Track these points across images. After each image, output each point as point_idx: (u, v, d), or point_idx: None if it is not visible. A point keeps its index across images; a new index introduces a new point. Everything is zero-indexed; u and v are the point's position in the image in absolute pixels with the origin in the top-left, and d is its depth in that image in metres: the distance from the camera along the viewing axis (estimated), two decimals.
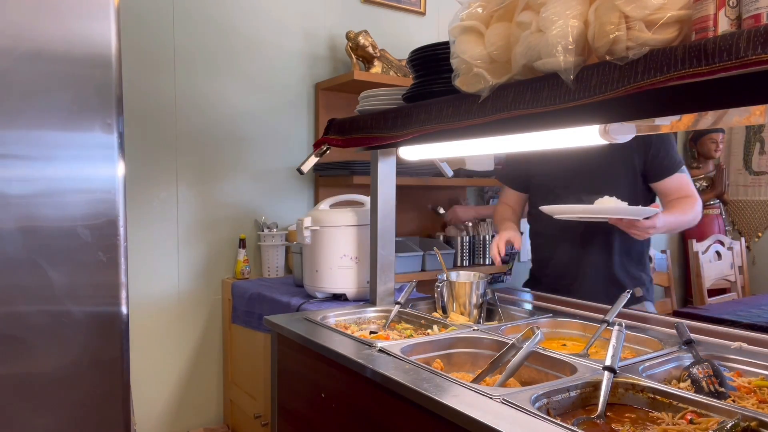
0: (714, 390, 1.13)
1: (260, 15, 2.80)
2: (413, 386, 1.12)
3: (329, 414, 1.47)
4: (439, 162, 2.14)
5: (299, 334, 1.56)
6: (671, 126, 1.43)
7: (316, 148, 1.82)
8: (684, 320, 1.45)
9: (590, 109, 1.00)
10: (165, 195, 2.61)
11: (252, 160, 2.81)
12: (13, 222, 1.04)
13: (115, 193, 1.11)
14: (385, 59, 2.92)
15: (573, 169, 2.03)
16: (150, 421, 2.64)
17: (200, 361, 2.75)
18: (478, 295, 1.74)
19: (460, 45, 1.20)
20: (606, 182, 1.96)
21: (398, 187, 1.93)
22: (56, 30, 1.05)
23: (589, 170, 2.00)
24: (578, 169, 2.01)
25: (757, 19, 0.78)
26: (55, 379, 1.09)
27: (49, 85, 1.06)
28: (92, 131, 1.09)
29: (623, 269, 2.03)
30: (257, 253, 2.83)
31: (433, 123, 1.32)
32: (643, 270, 2.08)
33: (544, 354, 1.31)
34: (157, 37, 2.56)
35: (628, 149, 1.89)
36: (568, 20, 0.97)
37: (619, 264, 2.02)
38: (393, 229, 1.90)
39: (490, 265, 3.26)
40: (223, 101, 2.73)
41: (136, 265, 2.50)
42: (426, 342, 1.46)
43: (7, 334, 1.04)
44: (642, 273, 2.07)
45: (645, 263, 2.09)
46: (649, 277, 2.11)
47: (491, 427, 0.94)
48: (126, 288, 1.14)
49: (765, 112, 1.24)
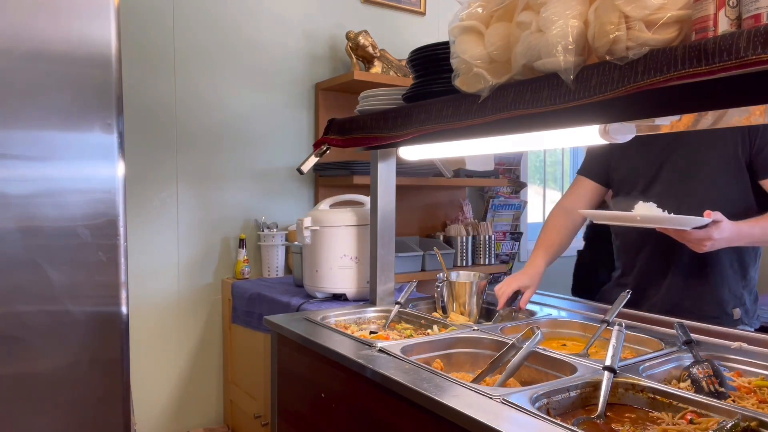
0: (714, 390, 1.13)
1: (260, 15, 2.80)
2: (413, 386, 1.12)
3: (329, 414, 1.47)
4: (439, 162, 2.14)
5: (299, 334, 1.56)
6: (671, 126, 1.43)
7: (316, 148, 1.82)
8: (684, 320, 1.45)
9: (590, 109, 1.00)
10: (165, 195, 2.61)
11: (252, 160, 2.81)
12: (13, 222, 1.04)
13: (115, 193, 1.12)
14: (385, 59, 2.92)
15: (661, 160, 1.73)
16: (150, 421, 2.64)
17: (200, 361, 2.75)
18: (478, 295, 1.74)
19: (460, 45, 1.20)
20: (699, 176, 1.67)
21: (398, 187, 1.92)
22: (56, 30, 1.05)
23: (677, 159, 1.70)
24: (666, 160, 1.72)
25: (757, 19, 0.78)
26: (55, 379, 1.09)
27: (49, 86, 1.06)
28: (92, 131, 1.09)
29: (724, 283, 1.67)
30: (257, 253, 2.83)
31: (433, 123, 1.32)
32: (746, 287, 1.71)
33: (544, 354, 1.31)
34: (157, 37, 2.56)
35: (732, 136, 1.63)
36: (568, 20, 0.97)
37: (719, 276, 1.67)
38: (393, 229, 1.90)
39: (490, 265, 3.26)
40: (223, 101, 2.73)
41: (136, 265, 2.50)
42: (426, 342, 1.46)
43: (7, 334, 1.04)
44: (745, 291, 1.71)
45: (750, 278, 1.72)
46: (753, 296, 1.73)
47: (491, 427, 0.94)
48: (126, 288, 1.14)
49: (765, 112, 1.24)
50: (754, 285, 1.73)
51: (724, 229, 1.46)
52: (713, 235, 1.45)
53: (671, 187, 1.69)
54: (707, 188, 1.66)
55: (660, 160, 1.73)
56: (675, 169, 1.71)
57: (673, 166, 1.71)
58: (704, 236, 1.45)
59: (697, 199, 1.62)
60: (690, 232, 1.46)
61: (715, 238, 1.45)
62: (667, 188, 1.70)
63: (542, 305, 1.85)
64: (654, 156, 1.74)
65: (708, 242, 1.47)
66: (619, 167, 1.85)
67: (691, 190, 1.66)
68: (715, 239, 1.46)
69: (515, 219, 3.77)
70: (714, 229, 1.44)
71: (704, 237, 1.46)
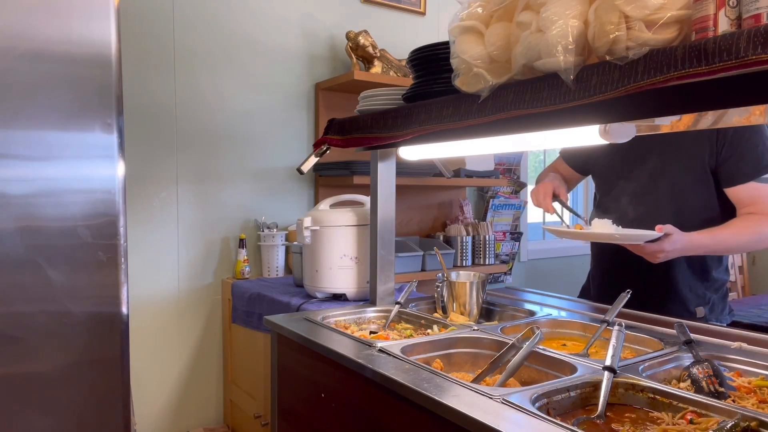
0: (714, 390, 1.13)
1: (260, 15, 2.80)
2: (413, 386, 1.12)
3: (329, 414, 1.47)
4: (439, 162, 2.14)
5: (299, 334, 1.56)
6: (671, 126, 1.43)
7: (316, 148, 1.82)
8: (684, 320, 1.45)
9: (590, 109, 1.00)
10: (165, 195, 2.61)
11: (252, 160, 2.81)
12: (13, 222, 1.04)
13: (115, 193, 1.11)
14: (385, 59, 2.92)
15: (635, 158, 1.78)
16: (150, 421, 2.64)
17: (200, 361, 2.75)
18: (478, 295, 1.74)
19: (460, 45, 1.20)
20: (667, 178, 1.72)
21: (398, 187, 1.93)
22: (56, 30, 1.05)
23: (650, 161, 1.76)
24: (640, 159, 1.77)
25: (757, 19, 0.78)
26: (55, 379, 1.09)
27: (49, 85, 1.06)
28: (92, 131, 1.09)
29: (684, 283, 1.76)
30: (257, 253, 2.83)
31: (433, 123, 1.32)
32: (710, 287, 1.78)
33: (544, 354, 1.31)
34: (157, 37, 2.56)
35: (700, 141, 1.67)
36: (568, 20, 0.97)
37: (681, 277, 1.75)
38: (393, 229, 1.90)
39: (490, 265, 3.26)
40: (223, 101, 2.73)
41: (136, 265, 2.50)
42: (426, 342, 1.46)
43: (7, 334, 1.04)
44: (708, 291, 1.78)
45: (712, 279, 1.78)
46: (720, 295, 1.80)
47: (491, 427, 0.94)
48: (126, 288, 1.14)
49: (765, 112, 1.24)
50: (720, 285, 1.81)
51: (675, 241, 1.56)
52: (665, 248, 1.56)
53: (642, 186, 1.75)
54: (672, 192, 1.72)
55: (634, 159, 1.79)
56: (645, 170, 1.77)
57: (644, 166, 1.78)
58: (657, 249, 1.57)
59: (661, 202, 1.72)
60: (643, 245, 1.57)
61: (667, 250, 1.56)
62: (638, 186, 1.77)
63: (542, 305, 1.85)
64: (631, 154, 1.79)
65: (661, 254, 1.58)
66: (600, 161, 1.92)
67: (657, 191, 1.74)
68: (667, 251, 1.57)
69: (515, 219, 3.78)
70: (666, 241, 1.55)
71: (657, 249, 1.57)
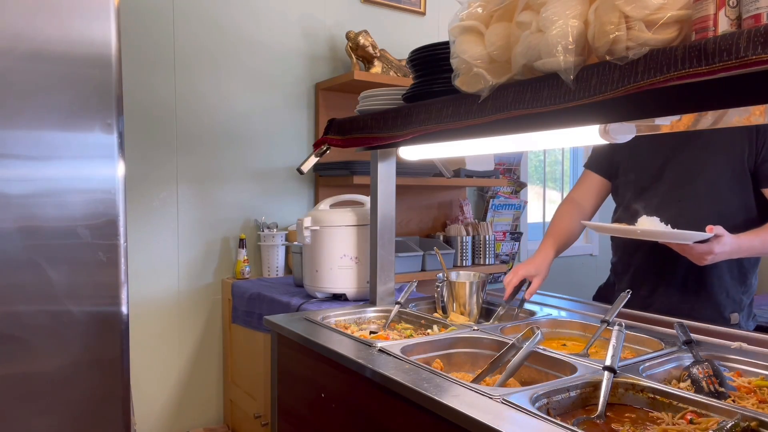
0: (714, 390, 1.13)
1: (260, 15, 2.80)
2: (413, 386, 1.12)
3: (329, 414, 1.47)
4: (439, 162, 2.14)
5: (299, 334, 1.56)
6: (671, 126, 1.43)
7: (316, 148, 1.82)
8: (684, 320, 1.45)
9: (590, 109, 1.00)
10: (165, 195, 2.61)
11: (252, 160, 2.81)
12: (13, 222, 1.04)
13: (115, 193, 1.11)
14: (385, 59, 2.92)
15: (664, 158, 1.70)
16: (150, 421, 2.64)
17: (200, 361, 2.75)
18: (478, 295, 1.74)
19: (460, 45, 1.20)
20: (702, 179, 1.65)
21: (398, 187, 1.92)
22: (56, 30, 1.05)
23: (683, 161, 1.68)
24: (671, 160, 1.70)
25: (757, 19, 0.78)
26: (55, 379, 1.09)
27: (49, 85, 1.06)
28: (92, 131, 1.09)
29: (722, 288, 1.67)
30: (257, 253, 2.83)
31: (433, 123, 1.32)
32: (746, 292, 1.70)
33: (544, 354, 1.31)
34: (157, 37, 2.56)
35: (739, 141, 1.61)
36: (568, 20, 0.97)
37: (718, 281, 1.66)
38: (393, 229, 1.90)
39: (490, 265, 3.26)
40: (223, 101, 2.73)
41: (136, 265, 2.50)
42: (426, 342, 1.46)
43: (7, 334, 1.04)
44: (744, 296, 1.70)
45: (749, 284, 1.71)
46: (751, 300, 1.73)
47: (491, 427, 0.94)
48: (126, 288, 1.14)
49: (765, 112, 1.24)
50: (753, 291, 1.73)
51: (725, 243, 1.46)
52: (715, 250, 1.46)
53: (673, 189, 1.68)
54: (710, 193, 1.64)
55: (664, 159, 1.71)
56: (678, 170, 1.69)
57: (676, 166, 1.69)
58: (706, 250, 1.46)
59: (697, 203, 1.63)
60: (692, 246, 1.47)
61: (717, 252, 1.46)
62: (669, 189, 1.69)
63: (542, 305, 1.85)
64: (660, 155, 1.72)
65: (709, 256, 1.47)
66: (625, 162, 1.83)
67: (692, 192, 1.66)
68: (717, 253, 1.47)
69: (515, 219, 3.78)
70: (716, 243, 1.45)
71: (706, 251, 1.46)
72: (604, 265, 2.05)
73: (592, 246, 4.48)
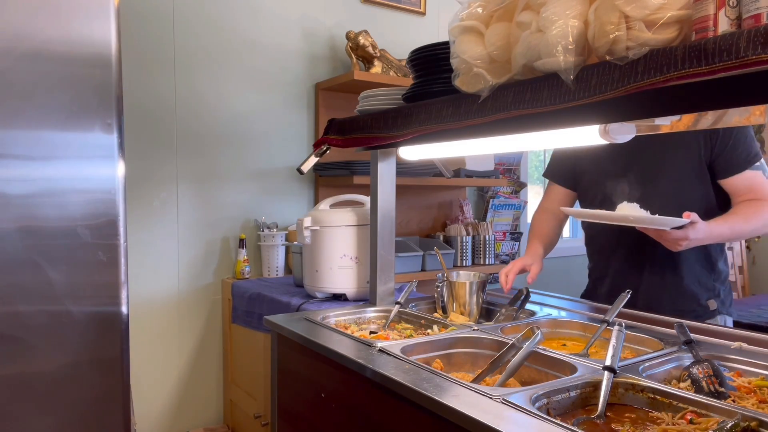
0: (714, 390, 1.13)
1: (260, 15, 2.80)
2: (413, 386, 1.12)
3: (329, 414, 1.47)
4: (439, 162, 2.14)
5: (299, 334, 1.56)
6: (671, 126, 1.43)
7: (316, 148, 1.82)
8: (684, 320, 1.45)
9: (590, 109, 1.00)
10: (165, 195, 2.61)
11: (252, 160, 2.81)
12: (13, 222, 1.04)
13: (115, 193, 1.12)
14: (385, 59, 2.92)
15: (626, 161, 1.79)
16: (150, 421, 2.64)
17: (200, 361, 2.75)
18: (478, 295, 1.74)
19: (460, 45, 1.20)
20: (665, 178, 1.74)
21: (398, 187, 1.92)
22: (56, 30, 1.05)
23: (644, 162, 1.76)
24: (632, 160, 1.78)
25: (757, 19, 0.78)
26: (55, 379, 1.09)
27: (49, 85, 1.06)
28: (92, 131, 1.09)
29: (693, 278, 1.75)
30: (257, 253, 2.83)
31: (433, 123, 1.32)
32: (717, 279, 1.79)
33: (544, 354, 1.31)
34: (157, 37, 2.56)
35: (695, 139, 1.70)
36: (568, 20, 0.97)
37: (689, 272, 1.75)
38: (393, 229, 1.90)
39: (490, 265, 3.26)
40: (223, 101, 2.73)
41: (136, 265, 2.50)
42: (426, 342, 1.46)
43: (7, 334, 1.05)
44: (716, 282, 1.78)
45: (720, 271, 1.80)
46: (726, 287, 1.82)
47: (491, 427, 0.94)
48: (126, 288, 1.14)
49: (765, 112, 1.24)
50: (725, 276, 1.82)
51: (699, 230, 1.55)
52: (689, 235, 1.54)
53: (638, 189, 1.73)
54: (673, 189, 1.73)
55: (627, 162, 1.79)
56: (641, 172, 1.77)
57: (639, 168, 1.77)
58: (681, 236, 1.55)
59: (663, 200, 1.70)
60: (669, 232, 1.55)
61: (691, 237, 1.55)
62: (634, 189, 1.75)
63: (542, 305, 1.85)
64: (622, 159, 1.80)
65: (684, 242, 1.56)
66: (588, 171, 1.92)
67: (657, 191, 1.73)
68: (691, 239, 1.55)
69: (515, 219, 3.77)
70: (690, 229, 1.54)
71: (681, 237, 1.55)
72: None
73: None
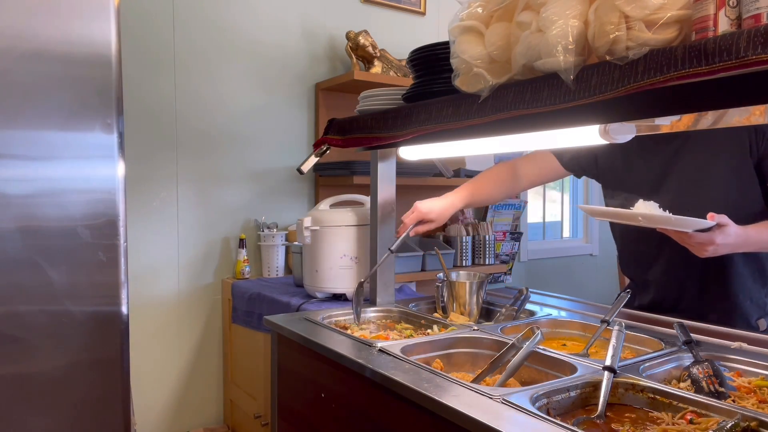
0: (714, 390, 1.13)
1: (260, 15, 2.80)
2: (413, 386, 1.12)
3: (329, 414, 1.47)
4: (439, 162, 2.14)
5: (299, 334, 1.56)
6: (671, 126, 1.43)
7: (316, 148, 1.82)
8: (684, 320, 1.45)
9: (590, 109, 1.00)
10: (165, 195, 2.61)
11: (252, 160, 2.81)
12: (13, 222, 1.04)
13: (115, 193, 1.11)
14: (385, 59, 2.92)
15: (666, 167, 1.62)
16: (150, 421, 2.64)
17: (200, 361, 2.75)
18: (478, 295, 1.74)
19: (460, 45, 1.20)
20: (709, 183, 1.56)
21: (398, 187, 1.92)
22: (56, 30, 1.05)
23: (686, 168, 1.60)
24: (673, 167, 1.61)
25: (757, 19, 0.78)
26: (55, 379, 1.09)
27: (49, 86, 1.06)
28: (92, 131, 1.09)
29: (744, 292, 1.55)
30: (257, 253, 2.83)
31: (433, 123, 1.32)
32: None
33: (544, 354, 1.31)
34: (157, 37, 2.56)
35: (739, 140, 1.53)
36: (568, 20, 0.97)
37: (739, 284, 1.55)
38: (393, 229, 1.90)
39: (490, 265, 3.26)
40: (223, 101, 2.73)
41: (136, 265, 2.50)
42: (426, 342, 1.46)
43: (7, 334, 1.04)
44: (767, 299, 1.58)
45: None
46: None
47: (491, 427, 0.94)
48: (126, 288, 1.14)
49: (765, 112, 1.24)
50: None
51: (729, 234, 1.35)
52: (716, 240, 1.35)
53: (680, 196, 1.60)
54: (717, 195, 1.56)
55: (666, 166, 1.63)
56: (683, 177, 1.61)
57: (681, 174, 1.61)
58: (706, 240, 1.35)
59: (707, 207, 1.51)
60: (691, 235, 1.36)
61: (718, 242, 1.35)
62: (675, 196, 1.60)
63: (542, 305, 1.85)
64: (659, 162, 1.64)
65: (710, 246, 1.36)
66: (615, 167, 1.75)
67: (700, 197, 1.57)
68: (718, 244, 1.36)
69: (515, 219, 3.77)
70: (718, 233, 1.35)
71: (706, 241, 1.36)
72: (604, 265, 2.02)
73: (592, 246, 4.48)
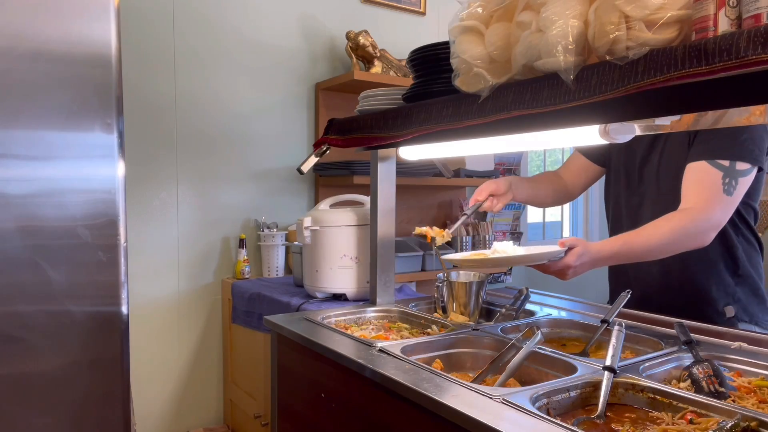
0: (714, 390, 1.13)
1: (260, 15, 2.80)
2: (413, 386, 1.12)
3: (329, 414, 1.47)
4: (439, 162, 2.14)
5: (299, 334, 1.56)
6: (671, 126, 1.43)
7: (316, 148, 1.82)
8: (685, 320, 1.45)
9: (590, 109, 1.00)
10: (165, 195, 2.61)
11: (252, 160, 2.81)
12: (13, 222, 1.04)
13: (115, 193, 1.12)
14: (385, 59, 2.92)
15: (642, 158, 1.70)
16: (150, 421, 2.64)
17: (200, 361, 2.75)
18: (478, 295, 1.74)
19: (460, 45, 1.19)
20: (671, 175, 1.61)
21: (398, 187, 1.92)
22: (56, 30, 1.06)
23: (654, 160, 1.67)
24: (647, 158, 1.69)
25: (757, 19, 0.78)
26: (55, 379, 1.09)
27: (49, 85, 1.06)
28: (92, 131, 1.09)
29: (712, 277, 1.60)
30: (257, 253, 2.83)
31: (433, 123, 1.32)
32: (740, 283, 1.62)
33: (544, 354, 1.31)
34: (157, 37, 2.56)
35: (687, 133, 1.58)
36: (568, 20, 0.97)
37: (707, 270, 1.60)
38: (393, 229, 1.90)
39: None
40: (223, 101, 2.73)
41: (136, 265, 2.50)
42: (426, 342, 1.45)
43: (7, 334, 1.05)
44: (737, 288, 1.61)
45: (745, 275, 1.62)
46: (751, 291, 1.62)
47: (491, 427, 0.94)
48: (126, 288, 1.14)
49: (765, 112, 1.24)
50: (752, 284, 1.63)
51: (582, 254, 1.48)
52: (571, 263, 1.47)
53: (651, 185, 1.67)
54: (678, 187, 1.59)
55: (642, 157, 1.72)
56: (653, 168, 1.70)
57: (652, 164, 1.70)
58: (562, 266, 1.48)
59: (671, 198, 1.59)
60: (548, 265, 1.48)
61: (574, 265, 1.48)
62: (648, 187, 1.68)
63: (542, 305, 1.85)
64: (640, 153, 1.72)
65: (569, 270, 1.49)
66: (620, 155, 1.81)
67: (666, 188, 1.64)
68: (574, 266, 1.48)
69: (515, 219, 3.78)
70: (570, 256, 1.47)
71: (562, 267, 1.48)
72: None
73: None
